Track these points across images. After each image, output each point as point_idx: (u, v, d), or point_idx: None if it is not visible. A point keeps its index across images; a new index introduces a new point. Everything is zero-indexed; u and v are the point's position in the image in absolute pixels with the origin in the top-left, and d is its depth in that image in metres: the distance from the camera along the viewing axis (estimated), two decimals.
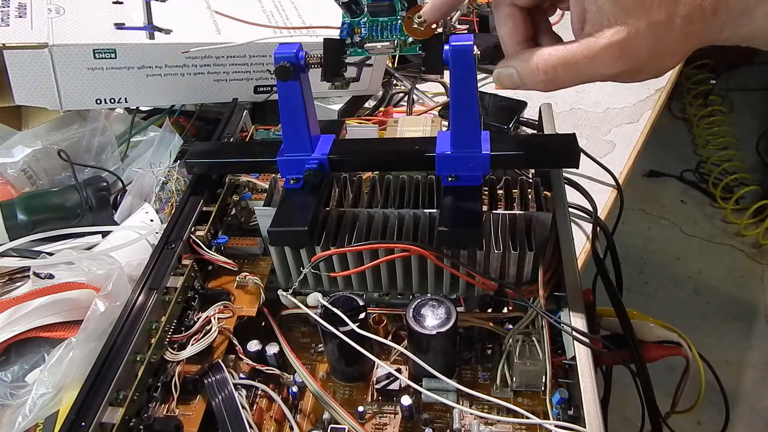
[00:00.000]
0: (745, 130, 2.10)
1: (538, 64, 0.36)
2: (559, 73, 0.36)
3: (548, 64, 0.36)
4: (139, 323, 0.44)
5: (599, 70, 0.35)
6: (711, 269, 1.79)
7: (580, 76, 0.36)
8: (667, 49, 0.35)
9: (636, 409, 0.60)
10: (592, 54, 0.34)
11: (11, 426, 0.45)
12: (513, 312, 0.49)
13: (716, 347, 1.55)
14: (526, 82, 0.38)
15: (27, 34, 0.61)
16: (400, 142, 0.58)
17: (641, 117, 0.87)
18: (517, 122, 0.79)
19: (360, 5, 0.43)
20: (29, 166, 0.69)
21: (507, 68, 0.39)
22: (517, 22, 0.40)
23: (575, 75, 0.36)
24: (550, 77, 0.36)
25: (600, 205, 0.72)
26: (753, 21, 0.34)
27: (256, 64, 0.72)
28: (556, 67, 0.36)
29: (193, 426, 0.42)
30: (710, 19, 0.34)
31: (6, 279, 0.58)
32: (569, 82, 0.37)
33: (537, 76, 0.37)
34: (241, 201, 0.56)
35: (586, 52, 0.35)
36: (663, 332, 0.57)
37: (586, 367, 0.40)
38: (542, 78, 0.37)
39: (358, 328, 0.43)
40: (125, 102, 0.68)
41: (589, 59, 0.35)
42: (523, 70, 0.37)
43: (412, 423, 0.44)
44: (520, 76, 0.38)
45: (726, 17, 0.34)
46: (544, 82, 0.37)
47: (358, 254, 0.47)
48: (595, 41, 0.34)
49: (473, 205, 0.45)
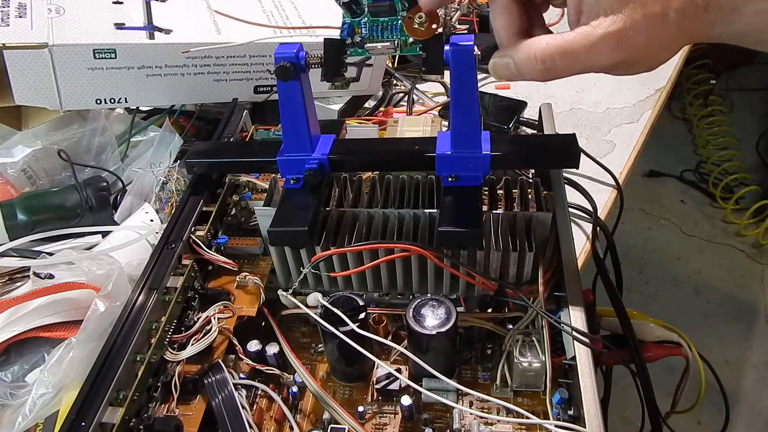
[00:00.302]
0: (745, 130, 2.10)
1: (536, 53, 0.37)
2: (557, 62, 0.36)
3: (546, 53, 0.36)
4: (139, 323, 0.44)
5: (596, 59, 0.35)
6: (711, 269, 1.79)
7: (578, 65, 0.36)
8: (662, 42, 0.35)
9: (636, 409, 0.60)
10: (590, 43, 0.35)
11: (11, 426, 0.45)
12: (513, 312, 0.49)
13: (716, 347, 1.55)
14: (522, 71, 0.38)
15: (27, 34, 0.61)
16: (400, 142, 0.58)
17: (641, 117, 0.87)
18: (517, 122, 0.79)
19: (360, 5, 0.43)
20: (29, 166, 0.69)
21: (503, 58, 0.39)
22: (513, 14, 0.40)
23: (572, 64, 0.36)
24: (547, 66, 0.36)
25: (600, 205, 0.72)
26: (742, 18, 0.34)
27: (256, 64, 0.72)
28: (553, 56, 0.36)
29: (193, 426, 0.42)
30: (702, 14, 0.34)
31: (6, 279, 0.58)
32: (566, 72, 0.37)
33: (534, 65, 0.37)
34: (241, 201, 0.56)
35: (584, 42, 0.35)
36: (663, 332, 0.57)
37: (586, 367, 0.40)
38: (539, 67, 0.37)
39: (358, 328, 0.43)
40: (125, 102, 0.68)
41: (587, 48, 0.35)
42: (520, 60, 0.37)
43: (412, 423, 0.44)
44: (516, 65, 0.38)
45: (717, 14, 0.34)
46: (541, 71, 0.37)
47: (358, 254, 0.47)
48: (592, 31, 0.35)
49: (473, 206, 0.45)
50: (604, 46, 0.35)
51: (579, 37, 0.35)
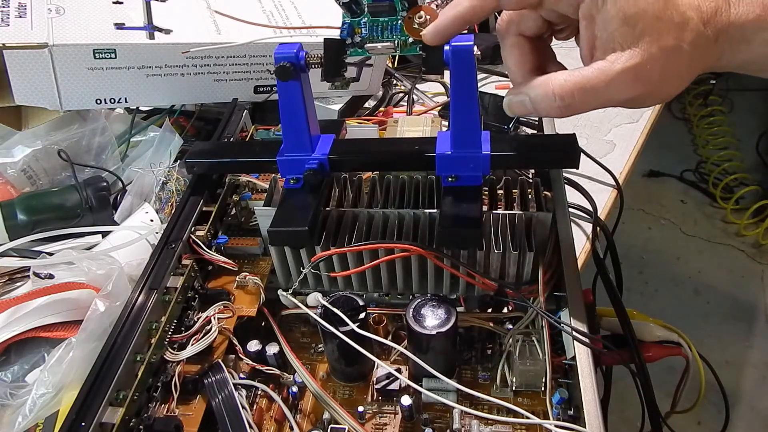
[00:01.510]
0: (745, 130, 2.10)
1: (554, 90, 0.36)
2: (576, 99, 0.36)
3: (564, 89, 0.36)
4: (139, 323, 0.44)
5: (615, 94, 0.35)
6: (711, 269, 1.79)
7: (596, 101, 0.36)
8: (677, 74, 0.35)
9: (636, 409, 0.60)
10: (608, 79, 0.34)
11: (11, 426, 0.45)
12: (513, 312, 0.49)
13: (716, 347, 1.55)
14: (539, 108, 0.38)
15: (27, 34, 0.61)
16: (400, 142, 0.58)
17: (641, 117, 0.87)
18: (517, 122, 0.79)
19: (360, 5, 0.43)
20: (29, 166, 0.69)
21: (518, 95, 0.39)
22: (525, 51, 0.40)
23: (591, 100, 0.36)
24: (567, 103, 0.36)
25: (600, 205, 0.72)
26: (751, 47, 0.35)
27: (256, 64, 0.72)
28: (572, 92, 0.36)
29: (193, 426, 0.42)
30: (712, 46, 0.35)
31: (6, 279, 0.58)
32: (584, 108, 0.36)
33: (552, 102, 0.37)
34: (241, 201, 0.56)
35: (603, 77, 0.35)
36: (663, 332, 0.57)
37: (586, 367, 0.40)
38: (558, 104, 0.36)
39: (358, 328, 0.43)
40: (125, 102, 0.68)
41: (606, 84, 0.35)
42: (537, 96, 0.37)
43: (412, 423, 0.44)
44: (533, 102, 0.38)
45: (726, 45, 0.35)
46: (559, 108, 0.37)
47: (358, 254, 0.47)
48: (610, 66, 0.34)
49: (473, 206, 0.45)
50: (623, 81, 0.34)
51: (597, 73, 0.35)
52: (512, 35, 0.40)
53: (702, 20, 0.34)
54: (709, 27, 0.34)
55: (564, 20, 0.39)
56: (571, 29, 0.40)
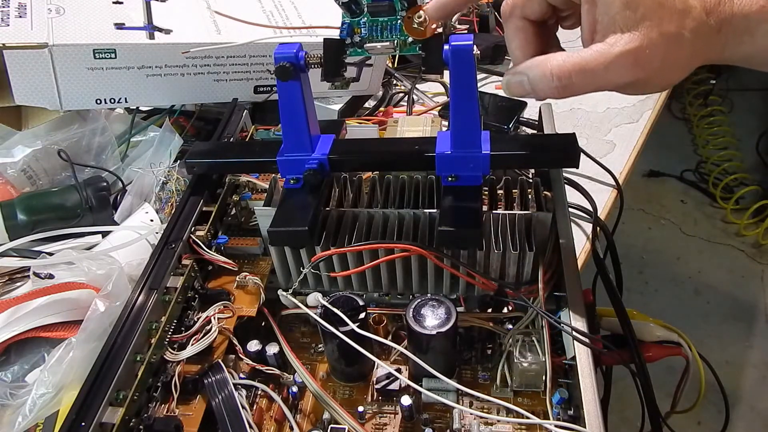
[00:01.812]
0: (745, 130, 2.10)
1: (552, 70, 0.36)
2: (573, 80, 0.36)
3: (563, 70, 0.36)
4: (139, 323, 0.44)
5: (613, 77, 0.35)
6: (711, 269, 1.79)
7: (594, 83, 0.36)
8: (677, 62, 0.35)
9: (636, 409, 0.60)
10: (607, 61, 0.35)
11: (11, 426, 0.45)
12: (513, 312, 0.49)
13: (716, 347, 1.55)
14: (537, 88, 0.38)
15: (27, 34, 0.61)
16: (400, 142, 0.58)
17: (641, 117, 0.87)
18: (517, 122, 0.79)
19: (360, 5, 0.43)
20: (29, 166, 0.69)
21: (516, 75, 0.39)
22: (528, 35, 0.40)
23: (589, 82, 0.36)
24: (564, 83, 0.36)
25: (600, 205, 0.72)
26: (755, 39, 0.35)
27: (256, 64, 0.72)
28: (570, 73, 0.36)
29: (193, 426, 0.42)
30: (715, 36, 0.35)
31: (6, 279, 0.58)
32: (581, 90, 0.36)
33: (550, 82, 0.37)
34: (241, 201, 0.56)
35: (601, 59, 0.35)
36: (663, 332, 0.57)
37: (586, 367, 0.40)
38: (555, 84, 0.36)
39: (358, 328, 0.43)
40: (125, 102, 0.68)
41: (604, 66, 0.35)
42: (535, 77, 0.37)
43: (412, 423, 0.44)
44: (531, 82, 0.38)
45: (730, 36, 0.35)
46: (557, 88, 0.37)
47: (358, 254, 0.47)
48: (609, 48, 0.35)
49: (473, 205, 0.45)
50: (621, 64, 0.34)
51: (596, 55, 0.35)
52: (516, 18, 0.40)
53: (705, 9, 0.34)
54: (712, 17, 0.34)
55: (568, 5, 0.39)
56: (576, 17, 0.40)
